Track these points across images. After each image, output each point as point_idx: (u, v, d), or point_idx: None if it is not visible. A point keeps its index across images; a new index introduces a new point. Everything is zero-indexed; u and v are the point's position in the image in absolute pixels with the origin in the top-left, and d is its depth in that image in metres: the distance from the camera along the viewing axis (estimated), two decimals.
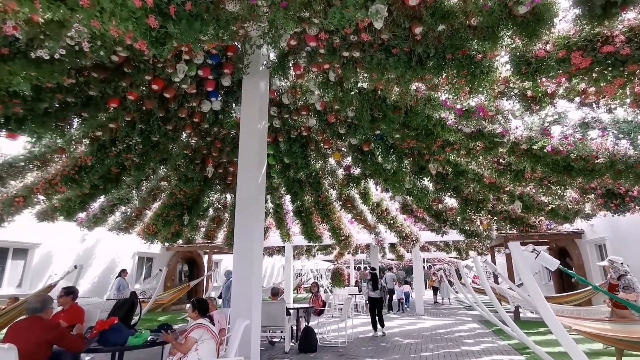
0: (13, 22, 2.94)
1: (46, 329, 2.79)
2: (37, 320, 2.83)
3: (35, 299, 3.00)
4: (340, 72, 5.60)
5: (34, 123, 5.54)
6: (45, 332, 2.76)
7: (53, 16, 2.65)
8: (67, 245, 11.71)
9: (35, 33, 3.48)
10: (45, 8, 2.22)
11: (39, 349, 2.65)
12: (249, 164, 6.13)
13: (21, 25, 2.96)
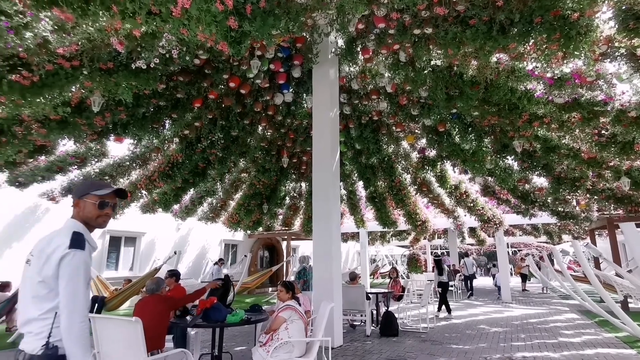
0: (117, 39, 3.34)
1: (162, 301, 3.42)
2: (155, 298, 3.42)
3: (152, 281, 3.55)
4: (411, 52, 5.39)
5: (135, 127, 6.28)
6: (162, 303, 3.38)
7: (148, 28, 2.95)
8: (166, 234, 13.16)
9: (133, 46, 3.92)
10: (144, 22, 2.49)
11: (160, 319, 3.23)
12: (322, 152, 6.26)
13: (122, 40, 3.34)
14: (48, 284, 1.50)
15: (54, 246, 1.52)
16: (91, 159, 7.38)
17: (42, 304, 1.49)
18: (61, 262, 1.49)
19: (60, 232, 1.59)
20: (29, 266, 1.57)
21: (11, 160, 6.04)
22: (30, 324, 1.50)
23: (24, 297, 1.56)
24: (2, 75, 3.71)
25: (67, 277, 1.49)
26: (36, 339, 1.47)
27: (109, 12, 2.61)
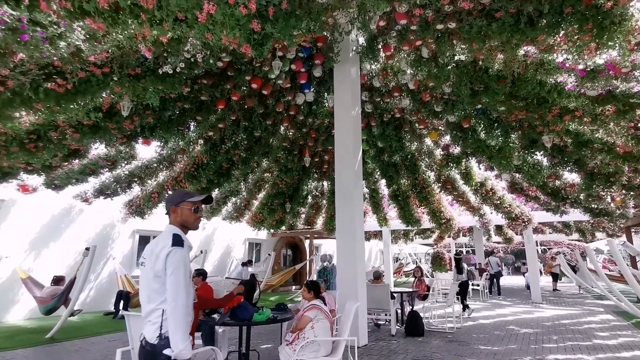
0: (145, 46, 3.45)
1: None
2: None
3: None
4: (434, 47, 5.29)
5: (162, 129, 6.45)
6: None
7: (174, 34, 3.03)
8: (192, 233, 13.42)
9: (160, 52, 4.03)
10: (171, 29, 2.56)
11: None
12: (344, 151, 6.25)
13: (150, 47, 3.45)
14: (160, 277, 1.82)
15: (160, 246, 1.86)
16: (121, 161, 7.65)
17: (157, 297, 1.82)
18: (167, 258, 1.81)
19: (163, 235, 1.93)
20: (144, 267, 1.91)
21: (48, 164, 6.34)
22: (150, 314, 1.83)
23: (143, 292, 1.89)
24: (39, 83, 3.89)
25: (172, 269, 1.80)
26: (153, 328, 1.80)
27: (137, 20, 2.70)
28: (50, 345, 6.09)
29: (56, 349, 5.84)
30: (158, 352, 1.74)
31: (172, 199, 2.07)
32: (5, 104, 3.91)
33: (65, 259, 9.69)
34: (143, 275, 1.91)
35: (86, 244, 10.12)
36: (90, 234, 10.43)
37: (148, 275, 1.85)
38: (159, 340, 1.75)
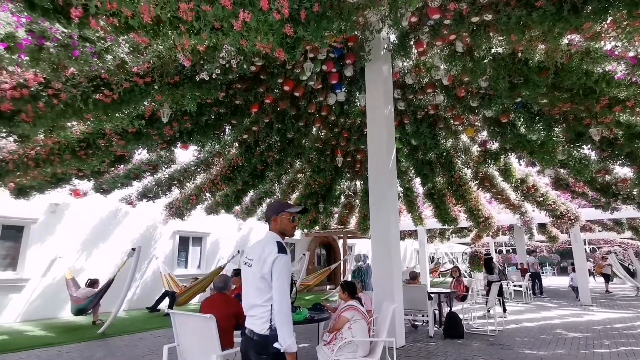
0: (183, 55, 3.59)
1: (230, 303, 3.44)
2: (222, 296, 3.54)
3: (220, 279, 3.70)
4: (469, 41, 5.13)
5: (199, 134, 6.69)
6: (229, 306, 3.40)
7: (210, 42, 3.13)
8: (229, 234, 13.86)
9: (196, 60, 4.18)
10: (208, 37, 2.65)
11: (226, 319, 3.26)
12: (378, 150, 6.20)
13: (188, 56, 3.59)
14: (266, 279, 2.05)
15: (267, 252, 2.08)
16: (162, 165, 8.01)
17: (263, 295, 2.06)
18: (274, 263, 2.03)
19: (267, 242, 2.16)
20: (249, 267, 2.17)
21: (97, 170, 6.75)
22: (254, 309, 2.08)
23: (247, 289, 2.16)
24: (88, 95, 4.16)
25: (278, 274, 2.03)
26: (261, 321, 2.05)
27: (176, 32, 2.81)
28: (102, 340, 6.49)
29: (108, 344, 6.21)
30: (270, 341, 2.00)
31: (274, 208, 2.29)
32: (59, 115, 4.21)
33: (113, 258, 10.27)
34: (249, 274, 2.17)
35: (131, 244, 10.67)
36: (134, 235, 10.98)
37: (255, 275, 2.09)
38: (269, 331, 2.01)
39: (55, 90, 3.99)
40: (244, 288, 2.21)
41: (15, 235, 8.95)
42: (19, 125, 4.36)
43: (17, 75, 3.85)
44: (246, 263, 2.22)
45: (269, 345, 1.99)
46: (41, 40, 2.99)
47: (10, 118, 4.24)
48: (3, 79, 3.80)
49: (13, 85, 3.87)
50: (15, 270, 8.84)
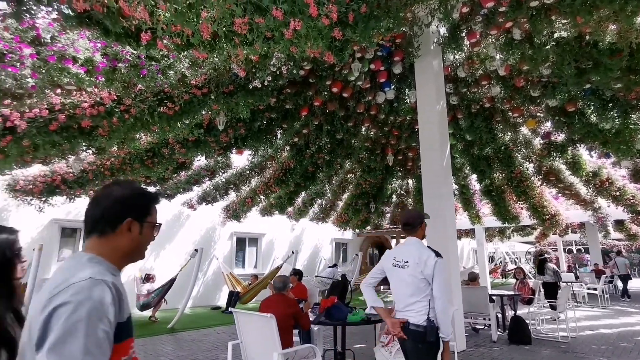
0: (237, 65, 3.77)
1: (289, 304, 3.54)
2: (281, 297, 3.65)
3: (279, 279, 3.83)
4: (527, 27, 4.81)
5: (252, 139, 6.95)
6: (288, 306, 3.50)
7: (262, 51, 3.25)
8: (282, 234, 14.24)
9: (249, 68, 4.36)
10: (261, 48, 2.76)
11: (285, 319, 3.36)
12: (430, 147, 6.02)
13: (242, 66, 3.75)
14: (427, 279, 2.42)
15: (425, 256, 2.45)
16: (219, 170, 8.45)
17: (422, 292, 2.43)
18: (435, 266, 2.40)
19: (419, 247, 2.54)
20: (403, 269, 2.53)
21: (161, 177, 7.29)
22: (413, 304, 2.44)
23: (402, 286, 2.53)
24: (154, 108, 4.51)
25: (439, 275, 2.40)
26: (419, 314, 2.41)
27: (231, 44, 2.96)
28: (171, 334, 6.99)
29: (176, 338, 6.68)
30: (428, 332, 2.34)
31: (418, 217, 2.66)
32: (130, 128, 4.61)
33: (177, 259, 11.01)
34: (403, 274, 2.52)
35: (193, 245, 11.35)
36: (196, 237, 11.68)
37: (414, 276, 2.45)
38: (427, 322, 2.36)
39: (126, 106, 4.38)
40: (396, 285, 2.58)
41: None
42: (96, 139, 4.85)
43: (94, 94, 4.28)
44: (396, 265, 2.57)
45: (426, 334, 2.34)
46: (114, 62, 3.31)
47: (90, 133, 4.72)
48: (83, 99, 4.25)
49: (91, 104, 4.31)
50: None
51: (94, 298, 0.95)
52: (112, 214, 1.13)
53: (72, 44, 3.11)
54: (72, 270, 1.01)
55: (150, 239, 1.24)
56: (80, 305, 0.92)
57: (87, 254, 1.09)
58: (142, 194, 1.24)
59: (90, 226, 1.14)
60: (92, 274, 0.99)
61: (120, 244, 1.14)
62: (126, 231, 1.14)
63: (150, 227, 1.22)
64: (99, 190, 1.20)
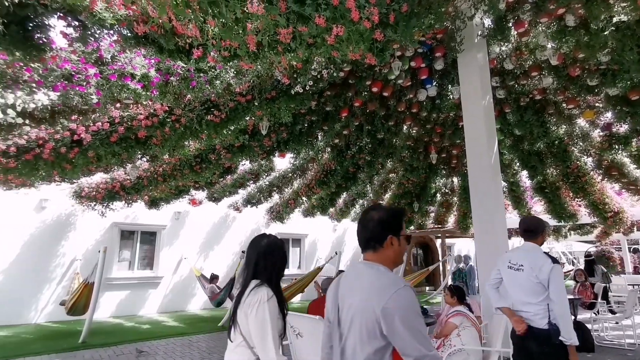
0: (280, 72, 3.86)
1: None
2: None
3: (327, 282, 3.90)
4: (582, 12, 4.49)
5: (294, 142, 7.07)
6: None
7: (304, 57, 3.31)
8: (324, 235, 14.35)
9: (290, 74, 4.45)
10: (304, 54, 2.82)
11: None
12: (477, 144, 5.79)
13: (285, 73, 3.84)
14: (542, 284, 2.53)
15: (541, 262, 2.57)
16: (263, 174, 8.68)
17: (538, 296, 2.54)
18: (551, 272, 2.51)
19: (536, 253, 2.67)
20: (518, 272, 2.66)
21: (209, 181, 7.62)
22: (529, 306, 2.57)
23: (517, 289, 2.67)
24: (202, 117, 4.73)
25: (556, 280, 2.50)
26: (538, 317, 2.52)
27: (274, 52, 3.04)
28: (223, 332, 7.28)
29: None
30: (552, 334, 2.44)
31: (542, 225, 2.80)
32: (180, 137, 4.88)
33: (224, 259, 11.45)
34: (519, 277, 2.65)
35: (239, 246, 11.75)
36: (242, 238, 12.07)
37: (529, 280, 2.58)
38: (549, 326, 2.47)
39: (176, 116, 4.63)
40: (512, 287, 2.69)
41: (150, 239, 10.58)
42: (150, 148, 5.18)
43: (148, 106, 4.58)
44: (511, 267, 2.71)
45: (550, 337, 2.43)
46: (167, 76, 3.52)
47: (145, 143, 5.05)
48: (139, 112, 4.56)
49: (146, 115, 4.61)
50: (152, 269, 10.44)
51: (414, 299, 1.32)
52: (378, 234, 1.49)
53: (130, 62, 3.37)
54: (383, 278, 1.38)
55: (405, 247, 1.58)
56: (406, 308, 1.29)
57: (375, 264, 1.46)
58: (394, 214, 1.56)
59: (364, 244, 1.52)
60: (398, 281, 1.36)
61: (389, 255, 1.48)
62: (389, 245, 1.48)
63: (403, 238, 1.54)
64: (362, 215, 1.58)
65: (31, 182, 5.83)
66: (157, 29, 2.33)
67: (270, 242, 1.89)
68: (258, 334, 1.65)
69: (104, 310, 9.31)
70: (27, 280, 8.62)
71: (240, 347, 1.71)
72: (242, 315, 1.71)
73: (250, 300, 1.69)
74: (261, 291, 1.71)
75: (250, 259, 1.85)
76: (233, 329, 1.76)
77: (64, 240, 9.22)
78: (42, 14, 2.31)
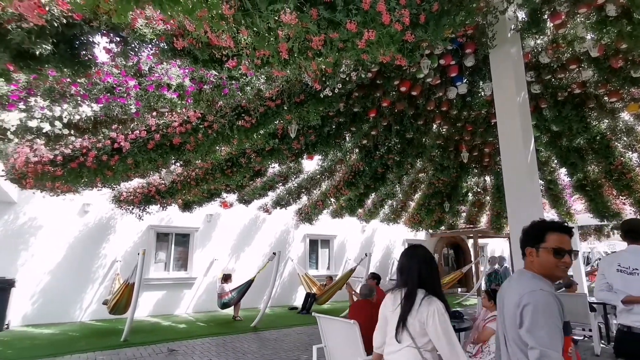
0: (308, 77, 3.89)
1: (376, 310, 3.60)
2: (368, 303, 3.88)
3: (365, 287, 4.03)
4: (624, 1, 4.25)
5: (322, 144, 7.09)
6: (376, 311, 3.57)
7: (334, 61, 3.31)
8: (353, 236, 14.29)
9: (319, 78, 4.47)
10: (334, 58, 2.82)
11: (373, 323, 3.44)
12: (512, 141, 5.59)
13: (315, 78, 3.87)
14: None
15: None
16: (291, 176, 8.76)
17: None
18: None
19: None
20: (634, 275, 2.68)
21: (240, 184, 7.77)
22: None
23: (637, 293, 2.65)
24: (233, 122, 4.84)
25: None
26: None
27: (303, 56, 3.07)
28: (255, 333, 7.41)
29: (260, 337, 7.06)
30: None
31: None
32: (213, 142, 5.01)
33: (255, 260, 11.64)
34: (634, 281, 2.67)
35: (269, 247, 11.91)
36: (271, 239, 12.24)
37: None
38: None
39: (209, 122, 4.76)
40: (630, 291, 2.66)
41: (184, 241, 10.93)
42: (184, 154, 5.35)
43: (182, 114, 4.73)
44: (622, 270, 2.73)
45: None
46: (200, 85, 3.63)
47: (179, 148, 5.22)
48: (173, 119, 4.72)
49: (180, 122, 4.77)
50: (186, 270, 10.78)
51: (543, 301, 1.51)
52: (520, 244, 1.78)
53: (166, 73, 3.51)
54: (525, 283, 1.62)
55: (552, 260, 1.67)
56: (536, 305, 1.51)
57: (528, 272, 1.70)
58: (534, 225, 1.80)
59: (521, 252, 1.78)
60: (534, 286, 1.58)
61: (533, 264, 1.69)
62: (528, 255, 1.71)
63: (546, 251, 1.68)
64: None
65: (75, 188, 6.17)
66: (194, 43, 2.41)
67: (427, 253, 2.09)
68: (445, 341, 1.87)
69: (142, 309, 9.70)
70: (72, 281, 9.12)
71: (409, 347, 1.92)
72: (413, 321, 1.91)
73: (426, 310, 1.91)
74: (435, 302, 1.93)
75: (410, 269, 2.04)
76: (400, 331, 1.94)
77: (104, 243, 9.69)
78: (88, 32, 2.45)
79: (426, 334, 1.89)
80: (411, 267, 2.03)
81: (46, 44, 2.23)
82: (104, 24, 2.36)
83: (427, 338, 1.90)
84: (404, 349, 1.93)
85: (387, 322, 2.11)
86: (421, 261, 2.03)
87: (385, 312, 2.17)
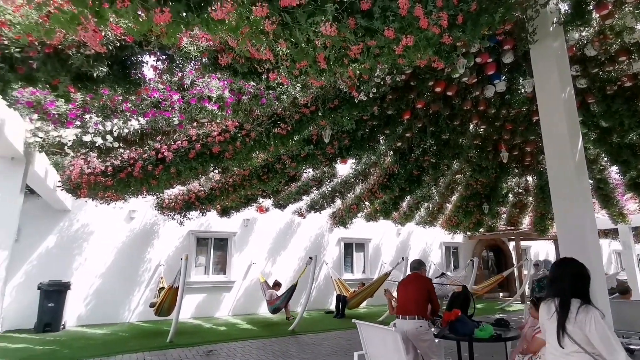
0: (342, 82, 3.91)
1: (425, 280, 4.04)
2: (418, 275, 4.13)
3: (415, 261, 4.35)
4: None
5: (356, 148, 7.08)
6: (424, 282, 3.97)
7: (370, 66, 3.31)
8: (388, 239, 14.12)
9: (354, 83, 4.48)
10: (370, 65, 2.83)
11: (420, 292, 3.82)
12: (557, 140, 5.32)
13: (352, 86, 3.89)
14: None
15: None
16: (325, 180, 8.81)
17: None
18: None
19: None
20: None
21: (275, 189, 7.91)
22: None
23: None
24: (269, 130, 4.95)
25: None
26: None
27: (339, 63, 3.09)
28: (293, 336, 7.49)
29: (298, 340, 7.13)
30: None
31: None
32: (250, 150, 5.15)
33: (290, 264, 11.78)
34: None
35: (304, 251, 12.01)
36: (306, 243, 12.33)
37: None
38: None
39: (246, 131, 4.90)
40: None
41: (223, 246, 11.25)
42: (223, 162, 5.52)
43: (221, 123, 4.90)
44: None
45: None
46: (239, 96, 3.76)
47: (218, 157, 5.41)
48: (213, 129, 4.90)
49: (219, 132, 4.94)
50: (225, 274, 11.09)
51: None
52: None
53: (207, 86, 3.66)
54: None
55: None
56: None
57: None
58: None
59: None
60: None
61: None
62: None
63: None
64: None
65: (123, 196, 6.53)
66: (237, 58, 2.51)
67: (580, 265, 2.26)
68: (605, 346, 1.99)
69: (185, 311, 10.07)
70: (120, 283, 9.65)
71: (577, 353, 2.07)
72: (574, 329, 2.08)
73: (584, 318, 2.06)
74: (591, 311, 2.08)
75: (562, 278, 2.24)
76: (562, 337, 2.11)
77: (149, 247, 10.17)
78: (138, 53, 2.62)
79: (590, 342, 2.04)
80: (561, 276, 2.25)
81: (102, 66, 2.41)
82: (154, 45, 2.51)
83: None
84: (572, 354, 2.09)
85: (545, 329, 2.28)
86: (575, 272, 2.23)
87: (542, 320, 2.36)
